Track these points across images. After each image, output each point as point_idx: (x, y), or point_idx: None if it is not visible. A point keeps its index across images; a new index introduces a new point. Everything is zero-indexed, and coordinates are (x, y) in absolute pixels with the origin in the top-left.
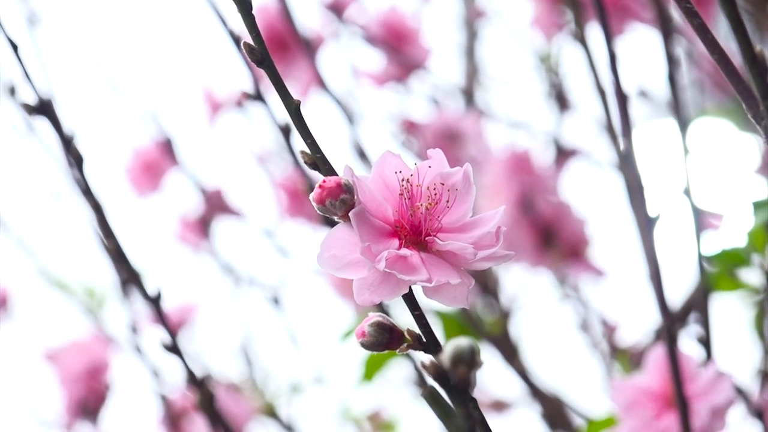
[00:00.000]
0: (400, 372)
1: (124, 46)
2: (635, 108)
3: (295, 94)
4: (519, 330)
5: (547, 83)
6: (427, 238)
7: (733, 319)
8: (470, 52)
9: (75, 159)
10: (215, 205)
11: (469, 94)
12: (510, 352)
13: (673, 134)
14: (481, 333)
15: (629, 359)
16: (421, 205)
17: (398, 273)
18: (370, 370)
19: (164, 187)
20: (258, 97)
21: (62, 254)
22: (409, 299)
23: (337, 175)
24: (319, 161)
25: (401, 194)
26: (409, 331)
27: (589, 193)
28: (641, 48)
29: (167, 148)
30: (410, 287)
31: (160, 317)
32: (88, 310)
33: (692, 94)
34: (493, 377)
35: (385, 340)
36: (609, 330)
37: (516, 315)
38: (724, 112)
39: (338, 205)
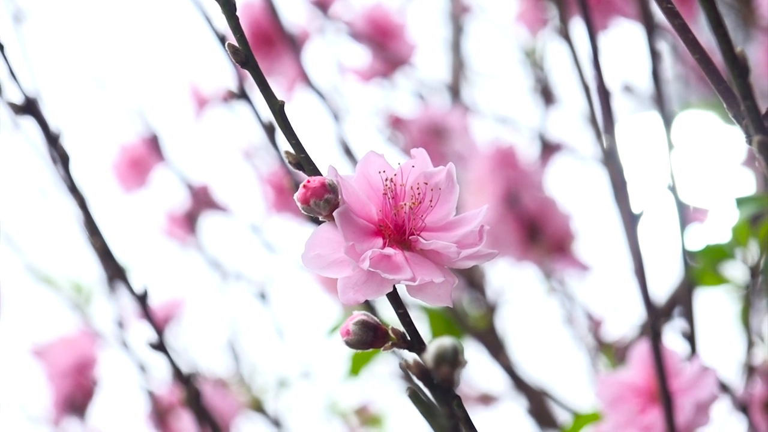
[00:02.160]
0: (387, 366)
1: (110, 43)
2: (620, 103)
3: (280, 90)
4: (505, 324)
5: (532, 78)
6: (410, 237)
7: (718, 314)
8: (456, 48)
9: (61, 157)
10: (202, 200)
11: (454, 90)
12: (495, 347)
13: (657, 129)
14: (467, 328)
15: (614, 354)
16: (405, 204)
17: (382, 272)
18: (357, 366)
19: (151, 183)
20: (243, 95)
21: (49, 250)
22: (394, 298)
23: (321, 174)
24: (303, 161)
25: (385, 194)
26: (394, 330)
27: (574, 188)
28: (625, 43)
29: (153, 144)
30: (394, 286)
31: (147, 315)
32: (75, 306)
33: (677, 87)
34: (479, 371)
35: (369, 338)
36: (594, 324)
37: (502, 309)
38: (709, 105)
39: (322, 204)
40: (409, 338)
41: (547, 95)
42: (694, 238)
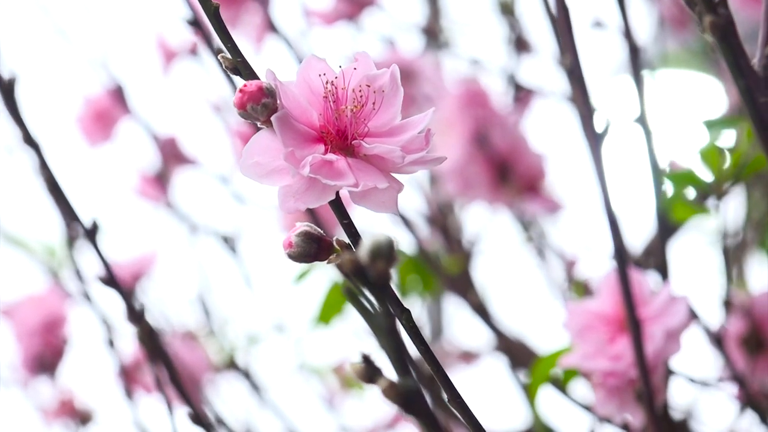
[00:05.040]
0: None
1: None
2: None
3: (248, 41)
4: (479, 271)
5: (506, 27)
6: (353, 143)
7: (698, 254)
8: None
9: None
10: (169, 153)
11: (431, 35)
12: (465, 288)
13: (625, 59)
14: (439, 272)
15: (585, 290)
16: (347, 108)
17: (323, 178)
18: (327, 314)
19: (116, 137)
20: (195, 23)
21: (20, 213)
22: (337, 207)
23: (259, 79)
24: (240, 66)
25: (326, 97)
26: (338, 241)
27: (550, 131)
28: None
29: (118, 96)
30: (338, 194)
31: (97, 251)
32: (48, 270)
33: (657, 34)
34: (460, 329)
35: (313, 250)
36: (568, 265)
37: (476, 256)
38: (687, 54)
39: (260, 109)
40: (354, 249)
41: (520, 43)
42: (664, 165)
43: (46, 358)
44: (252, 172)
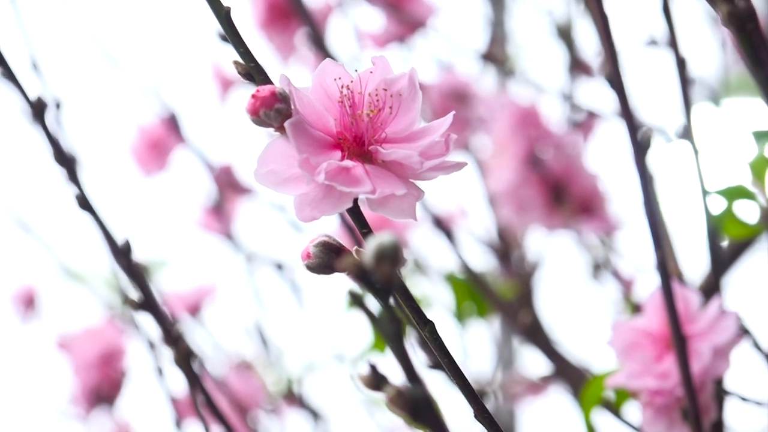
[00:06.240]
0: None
1: (123, 20)
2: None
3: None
4: (540, 295)
5: (564, 49)
6: (370, 148)
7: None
8: (498, 21)
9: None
10: (225, 182)
11: (495, 61)
12: (518, 312)
13: (670, 68)
14: (492, 297)
15: (636, 309)
16: (363, 113)
17: (339, 185)
18: (382, 340)
19: (171, 166)
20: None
21: (83, 250)
22: (357, 216)
23: (272, 84)
24: (253, 71)
25: (341, 102)
26: (358, 252)
27: (611, 153)
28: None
29: (173, 124)
30: (357, 203)
31: (131, 272)
32: (107, 303)
33: (721, 62)
34: (531, 360)
35: (331, 261)
36: (626, 286)
37: (537, 280)
38: (750, 78)
39: (273, 115)
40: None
41: (578, 66)
42: (714, 182)
43: (103, 391)
44: (267, 181)
